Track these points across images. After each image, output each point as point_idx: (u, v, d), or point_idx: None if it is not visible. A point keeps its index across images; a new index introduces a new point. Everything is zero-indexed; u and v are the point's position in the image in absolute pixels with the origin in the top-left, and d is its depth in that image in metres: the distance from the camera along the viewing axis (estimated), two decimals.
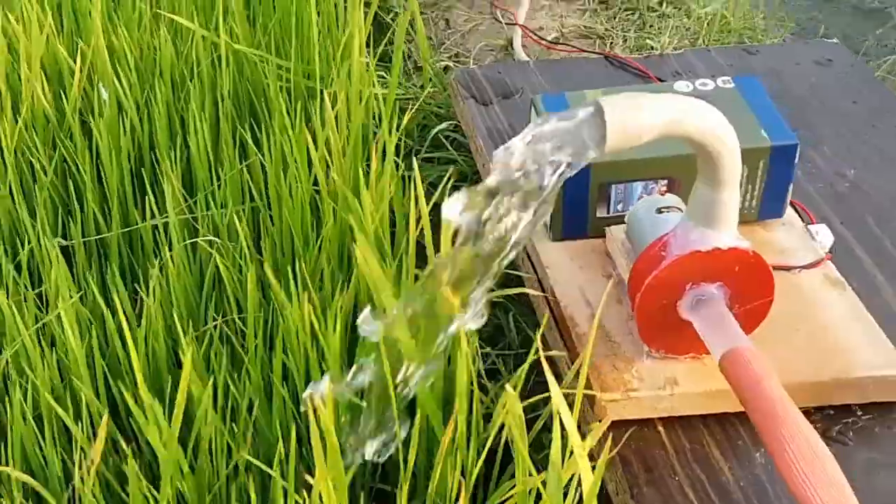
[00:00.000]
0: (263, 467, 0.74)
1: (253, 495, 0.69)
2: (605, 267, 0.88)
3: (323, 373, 0.81)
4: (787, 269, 0.87)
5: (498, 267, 0.68)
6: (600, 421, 0.75)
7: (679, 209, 0.82)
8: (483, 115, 1.14)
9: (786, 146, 0.88)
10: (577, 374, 0.76)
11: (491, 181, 0.67)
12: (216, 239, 1.00)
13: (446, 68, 1.36)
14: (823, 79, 1.21)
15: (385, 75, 1.29)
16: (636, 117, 0.65)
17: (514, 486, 0.68)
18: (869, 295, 0.88)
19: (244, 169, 1.08)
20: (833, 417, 0.78)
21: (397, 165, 1.05)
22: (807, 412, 0.77)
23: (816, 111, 1.15)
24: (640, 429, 0.77)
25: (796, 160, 0.89)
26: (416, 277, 0.80)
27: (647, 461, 0.74)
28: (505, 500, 0.72)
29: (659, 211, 0.82)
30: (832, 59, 1.25)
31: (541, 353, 0.68)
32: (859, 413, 0.79)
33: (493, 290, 0.69)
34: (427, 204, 0.90)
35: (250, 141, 1.12)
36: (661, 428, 0.77)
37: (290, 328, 0.83)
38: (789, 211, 0.93)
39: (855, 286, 0.87)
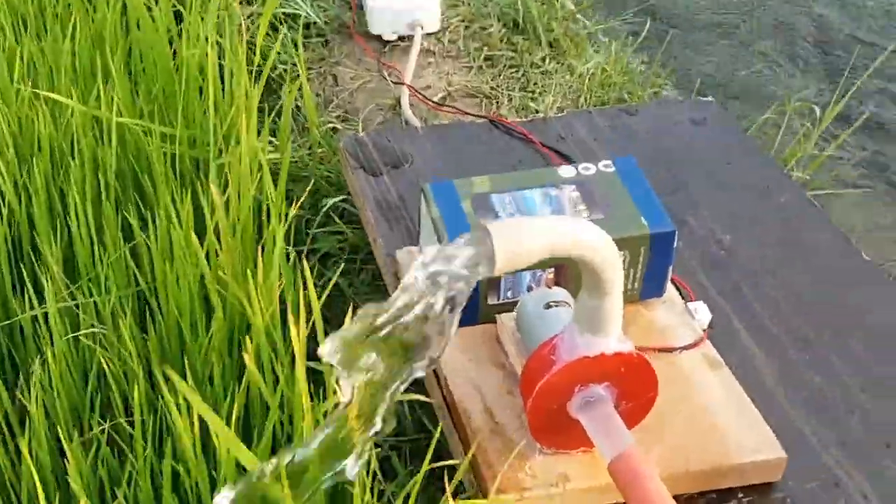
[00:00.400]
0: None
1: None
2: (496, 356, 0.90)
3: (214, 482, 0.81)
4: (669, 350, 0.91)
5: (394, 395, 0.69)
6: None
7: (567, 303, 0.85)
8: (373, 187, 1.15)
9: (664, 233, 0.92)
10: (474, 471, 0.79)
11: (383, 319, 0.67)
12: (100, 328, 0.98)
13: (335, 129, 1.37)
14: (698, 139, 1.26)
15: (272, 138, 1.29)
16: (522, 244, 0.67)
17: None
18: (745, 371, 0.92)
19: (127, 253, 1.07)
20: (716, 501, 0.82)
21: (288, 244, 1.05)
22: (690, 498, 0.82)
23: (692, 173, 1.19)
24: None
25: (674, 245, 0.93)
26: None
27: None
28: None
29: (547, 306, 0.85)
30: (706, 117, 1.30)
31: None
32: (740, 495, 0.83)
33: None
34: (318, 283, 0.92)
35: (135, 222, 1.10)
36: None
37: (180, 434, 0.82)
38: (669, 288, 0.97)
39: (733, 362, 0.92)
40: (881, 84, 1.79)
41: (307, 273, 0.86)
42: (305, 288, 0.85)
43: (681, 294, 0.98)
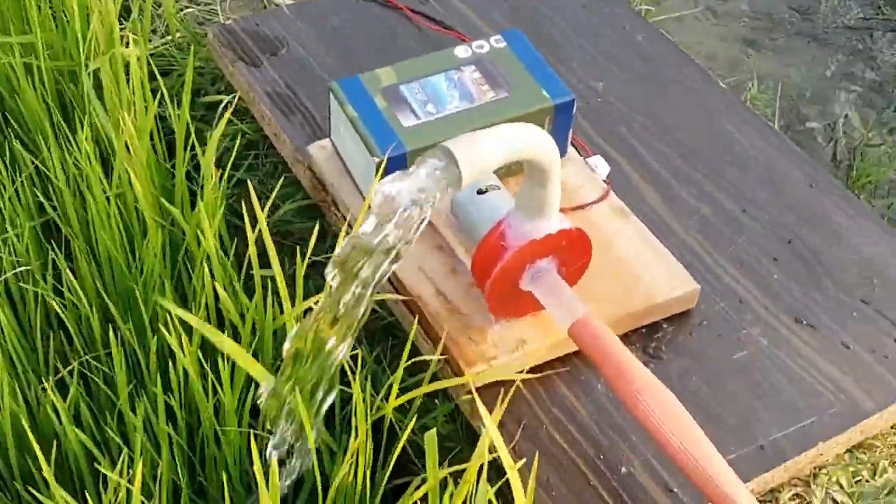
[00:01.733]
0: None
1: None
2: (432, 239, 0.96)
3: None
4: (581, 208, 1.00)
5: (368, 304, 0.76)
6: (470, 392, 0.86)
7: (497, 186, 0.92)
8: (258, 79, 1.16)
9: (566, 102, 0.99)
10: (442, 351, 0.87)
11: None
12: (23, 268, 0.98)
13: (185, 14, 1.33)
14: None
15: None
16: (483, 158, 0.73)
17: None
18: (644, 212, 1.03)
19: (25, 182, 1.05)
20: (646, 335, 0.94)
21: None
22: (625, 336, 0.93)
23: (553, 24, 1.25)
24: (502, 386, 0.87)
25: (574, 111, 1.00)
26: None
27: (516, 416, 0.87)
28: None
29: (480, 191, 0.92)
30: None
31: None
32: (665, 326, 0.94)
33: None
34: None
35: (22, 150, 1.08)
36: (518, 382, 0.89)
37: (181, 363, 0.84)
38: (570, 149, 1.05)
39: (631, 204, 1.02)
40: None
41: (254, 199, 0.88)
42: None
43: (578, 151, 1.07)
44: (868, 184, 1.30)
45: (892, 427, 0.92)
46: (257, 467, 0.70)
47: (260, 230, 0.88)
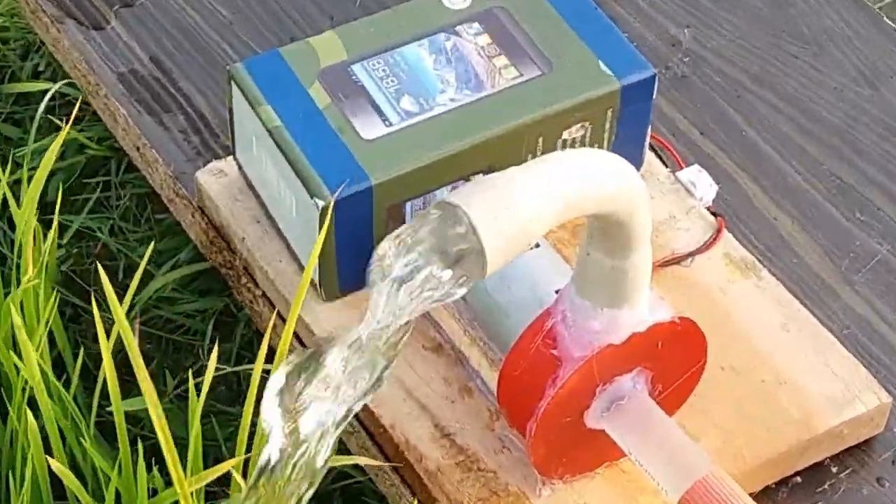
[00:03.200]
0: None
1: None
2: (427, 332, 0.91)
3: None
4: (676, 262, 0.95)
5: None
6: None
7: (537, 242, 0.85)
8: (104, 52, 1.12)
9: (641, 81, 0.94)
10: None
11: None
12: None
13: None
14: None
15: None
16: (525, 226, 0.67)
17: None
18: (781, 257, 0.99)
19: None
20: (802, 487, 0.88)
21: None
22: (767, 491, 0.88)
23: None
24: None
25: (654, 95, 0.95)
26: None
27: None
28: None
29: None
30: None
31: None
32: (834, 469, 0.89)
33: None
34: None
35: None
36: None
37: None
38: (648, 156, 1.00)
39: (762, 249, 0.98)
40: None
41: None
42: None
43: (663, 161, 1.01)
44: None
45: None
46: None
47: (117, 326, 0.83)
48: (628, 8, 1.15)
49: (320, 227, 0.85)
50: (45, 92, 1.14)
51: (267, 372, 0.76)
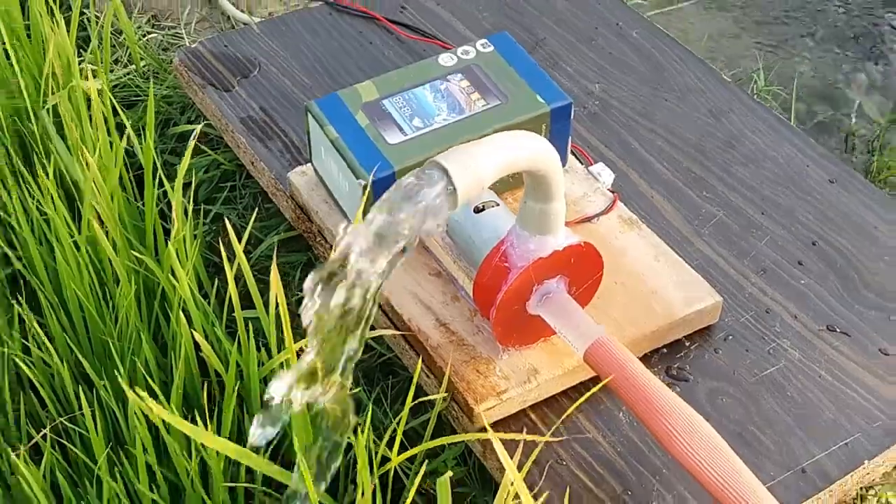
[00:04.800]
0: None
1: None
2: (427, 263, 0.93)
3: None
4: (587, 220, 0.96)
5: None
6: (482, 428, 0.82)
7: (495, 203, 0.88)
8: (231, 105, 1.12)
9: (562, 107, 0.95)
10: (447, 387, 0.83)
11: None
12: None
13: (148, 40, 1.30)
14: None
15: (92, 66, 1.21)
16: (479, 170, 0.69)
17: None
18: (655, 220, 1.00)
19: None
20: (668, 356, 0.90)
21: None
22: (646, 357, 0.89)
23: (542, 25, 1.22)
24: (514, 421, 0.84)
25: (571, 116, 0.96)
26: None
27: (544, 459, 0.82)
28: None
29: (476, 210, 0.87)
30: None
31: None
32: (687, 344, 0.91)
33: None
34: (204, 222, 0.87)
35: None
36: (532, 415, 0.85)
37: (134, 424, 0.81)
38: (571, 158, 1.01)
39: (641, 213, 0.99)
40: None
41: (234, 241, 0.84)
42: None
43: (578, 160, 1.03)
44: (890, 177, 1.26)
45: None
46: None
47: (241, 268, 0.84)
48: (561, 73, 1.16)
49: (362, 198, 0.87)
50: (193, 131, 1.15)
51: None
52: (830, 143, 1.32)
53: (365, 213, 0.72)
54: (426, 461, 0.85)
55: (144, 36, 1.31)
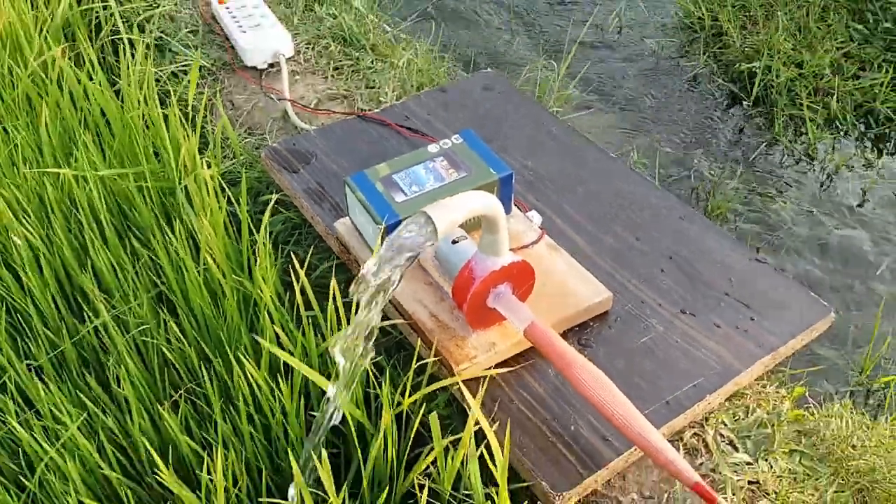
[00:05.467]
0: None
1: None
2: (423, 278, 0.93)
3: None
4: (525, 247, 0.97)
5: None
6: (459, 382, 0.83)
7: (465, 237, 0.89)
8: (297, 181, 1.13)
9: (507, 175, 0.96)
10: (437, 355, 0.84)
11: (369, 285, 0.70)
12: (143, 327, 0.94)
13: (246, 142, 1.32)
14: (492, 100, 1.30)
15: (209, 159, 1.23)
16: (452, 217, 0.71)
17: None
18: (570, 246, 1.00)
19: (141, 268, 1.02)
20: (579, 332, 0.91)
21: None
22: (564, 334, 0.90)
23: (495, 125, 1.24)
24: (482, 378, 0.85)
25: (513, 181, 0.98)
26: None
27: (493, 397, 0.83)
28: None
29: (454, 242, 0.89)
30: (491, 84, 1.34)
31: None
32: (591, 324, 0.91)
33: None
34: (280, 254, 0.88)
35: (138, 245, 1.05)
36: (492, 372, 0.86)
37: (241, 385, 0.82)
38: (514, 209, 1.02)
39: (560, 242, 0.99)
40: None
41: (297, 265, 0.86)
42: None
43: (519, 209, 1.04)
44: (719, 214, 1.28)
45: (755, 380, 0.89)
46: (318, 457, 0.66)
47: (303, 284, 0.86)
48: (508, 156, 1.15)
49: (379, 236, 0.88)
50: (269, 200, 1.17)
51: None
52: (681, 193, 1.33)
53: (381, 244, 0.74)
54: (425, 404, 0.86)
55: (243, 140, 1.33)
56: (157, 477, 0.82)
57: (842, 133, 1.43)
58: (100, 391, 0.89)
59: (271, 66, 1.46)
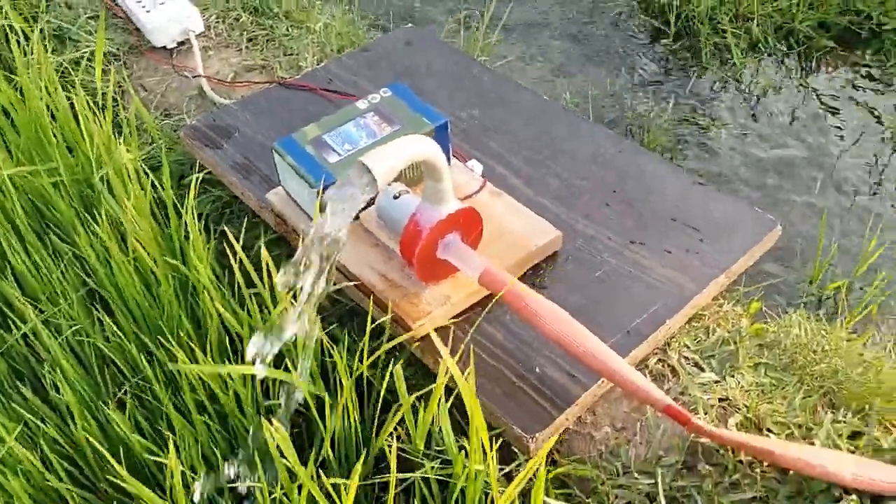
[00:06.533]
0: None
1: None
2: (369, 240, 0.90)
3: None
4: (469, 197, 0.95)
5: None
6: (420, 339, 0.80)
7: (407, 191, 0.86)
8: (221, 157, 1.08)
9: (442, 124, 0.94)
10: (392, 315, 0.81)
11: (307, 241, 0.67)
12: (74, 325, 0.89)
13: (164, 124, 1.25)
14: (416, 53, 1.26)
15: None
16: (389, 163, 0.68)
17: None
18: (512, 190, 0.98)
19: (67, 265, 0.96)
20: (534, 274, 0.89)
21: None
22: (520, 277, 0.88)
23: (423, 78, 1.20)
24: (440, 331, 0.83)
25: (449, 130, 0.95)
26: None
27: (454, 350, 0.81)
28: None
29: (395, 197, 0.86)
30: (413, 39, 1.30)
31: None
32: (544, 265, 0.90)
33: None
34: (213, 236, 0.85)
35: (60, 243, 0.99)
36: (452, 327, 0.84)
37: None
38: (454, 160, 0.99)
39: (504, 188, 0.97)
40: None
41: (233, 240, 0.81)
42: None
43: (458, 159, 1.01)
44: (656, 146, 1.28)
45: (713, 300, 0.89)
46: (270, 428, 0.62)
47: (241, 260, 0.81)
48: (442, 108, 1.10)
49: (317, 199, 0.84)
50: (195, 180, 1.11)
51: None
52: (617, 132, 1.33)
53: (320, 210, 0.71)
54: (385, 366, 0.83)
55: (161, 122, 1.25)
56: (110, 481, 0.78)
57: (766, 55, 1.44)
58: (38, 402, 0.83)
59: (181, 44, 1.38)
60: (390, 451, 0.65)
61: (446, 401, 0.70)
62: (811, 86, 1.39)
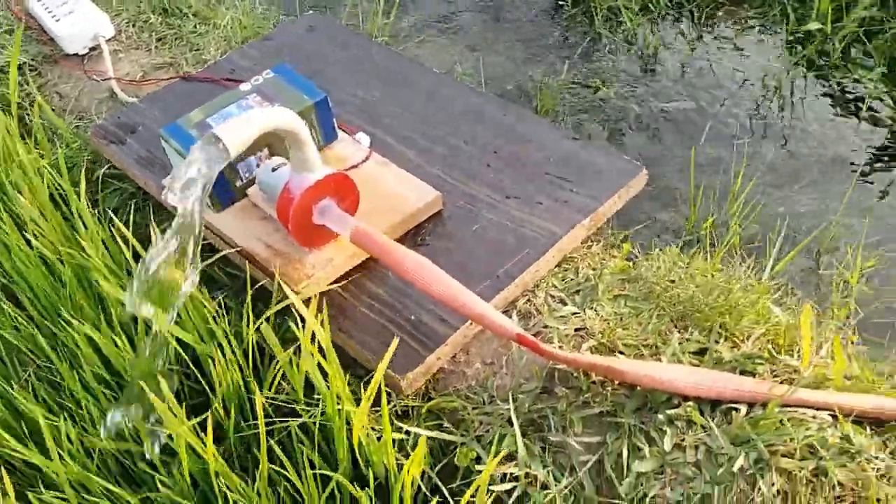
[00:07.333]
0: None
1: None
2: (257, 213, 0.94)
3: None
4: (356, 167, 0.99)
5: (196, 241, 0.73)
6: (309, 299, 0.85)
7: (285, 163, 0.90)
8: (125, 152, 1.12)
9: (320, 100, 0.97)
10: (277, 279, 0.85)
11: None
12: None
13: (77, 127, 1.28)
14: (318, 38, 1.30)
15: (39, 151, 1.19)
16: (241, 131, 0.72)
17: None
18: (401, 160, 1.02)
19: None
20: (417, 233, 0.93)
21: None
22: (405, 235, 0.93)
23: (322, 60, 1.24)
24: (332, 293, 0.87)
25: (330, 104, 0.99)
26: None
27: (340, 310, 0.86)
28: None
29: (273, 170, 0.90)
30: (315, 25, 1.34)
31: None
32: (427, 224, 0.94)
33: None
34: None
35: None
36: (340, 288, 0.88)
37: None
38: (340, 133, 1.04)
39: (393, 158, 1.01)
40: None
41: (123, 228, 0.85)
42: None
43: (346, 133, 1.06)
44: (548, 111, 1.33)
45: (581, 242, 0.94)
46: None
47: (126, 237, 0.85)
48: (336, 89, 1.15)
49: None
50: (110, 174, 1.14)
51: None
52: (512, 99, 1.36)
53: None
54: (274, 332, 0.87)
55: (74, 125, 1.29)
56: (19, 458, 0.81)
57: (656, 15, 1.50)
58: None
59: (93, 49, 1.41)
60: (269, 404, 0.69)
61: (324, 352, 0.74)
62: (701, 42, 1.45)
